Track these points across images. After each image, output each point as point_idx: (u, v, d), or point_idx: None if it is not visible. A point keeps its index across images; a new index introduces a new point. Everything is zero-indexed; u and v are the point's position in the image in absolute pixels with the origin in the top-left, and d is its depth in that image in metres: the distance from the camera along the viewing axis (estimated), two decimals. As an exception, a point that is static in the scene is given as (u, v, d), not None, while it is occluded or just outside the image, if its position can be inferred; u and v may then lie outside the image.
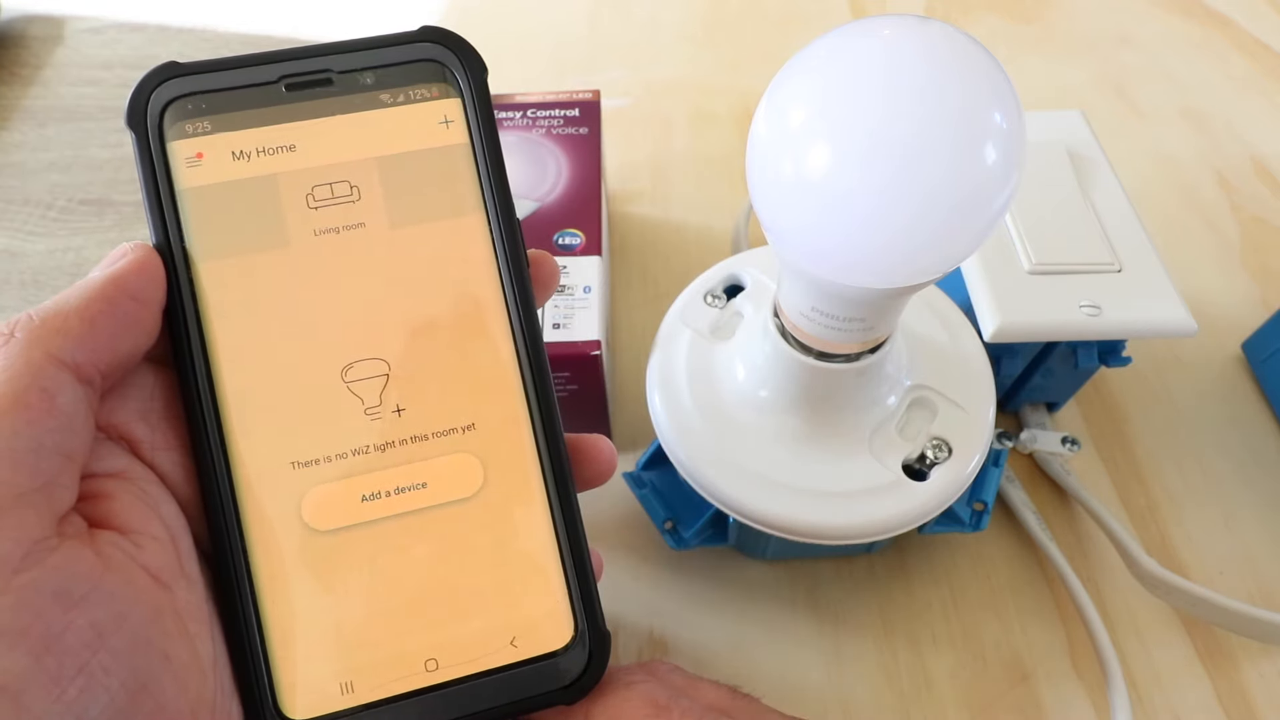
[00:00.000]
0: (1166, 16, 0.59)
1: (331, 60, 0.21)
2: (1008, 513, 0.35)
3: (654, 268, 0.44)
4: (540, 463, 0.21)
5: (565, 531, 0.21)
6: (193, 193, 0.20)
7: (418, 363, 0.21)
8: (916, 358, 0.29)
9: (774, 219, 0.22)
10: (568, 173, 0.37)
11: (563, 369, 0.31)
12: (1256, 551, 0.34)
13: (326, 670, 0.19)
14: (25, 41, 0.58)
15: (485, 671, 0.20)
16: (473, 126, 0.21)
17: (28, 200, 0.48)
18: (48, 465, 0.16)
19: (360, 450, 0.20)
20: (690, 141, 0.51)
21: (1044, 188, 0.34)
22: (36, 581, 0.15)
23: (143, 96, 0.20)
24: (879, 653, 0.31)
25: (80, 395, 0.17)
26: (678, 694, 0.20)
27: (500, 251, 0.21)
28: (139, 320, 0.19)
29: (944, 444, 0.28)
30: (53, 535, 0.16)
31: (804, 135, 0.20)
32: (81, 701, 0.15)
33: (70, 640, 0.15)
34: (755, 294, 0.32)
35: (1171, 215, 0.46)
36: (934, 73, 0.19)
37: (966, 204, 0.20)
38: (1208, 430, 0.38)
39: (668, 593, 0.33)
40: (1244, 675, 0.31)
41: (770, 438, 0.28)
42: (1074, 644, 0.31)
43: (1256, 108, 0.53)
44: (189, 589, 0.18)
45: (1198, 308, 0.40)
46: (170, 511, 0.19)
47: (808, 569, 0.33)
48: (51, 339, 0.17)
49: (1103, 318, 0.30)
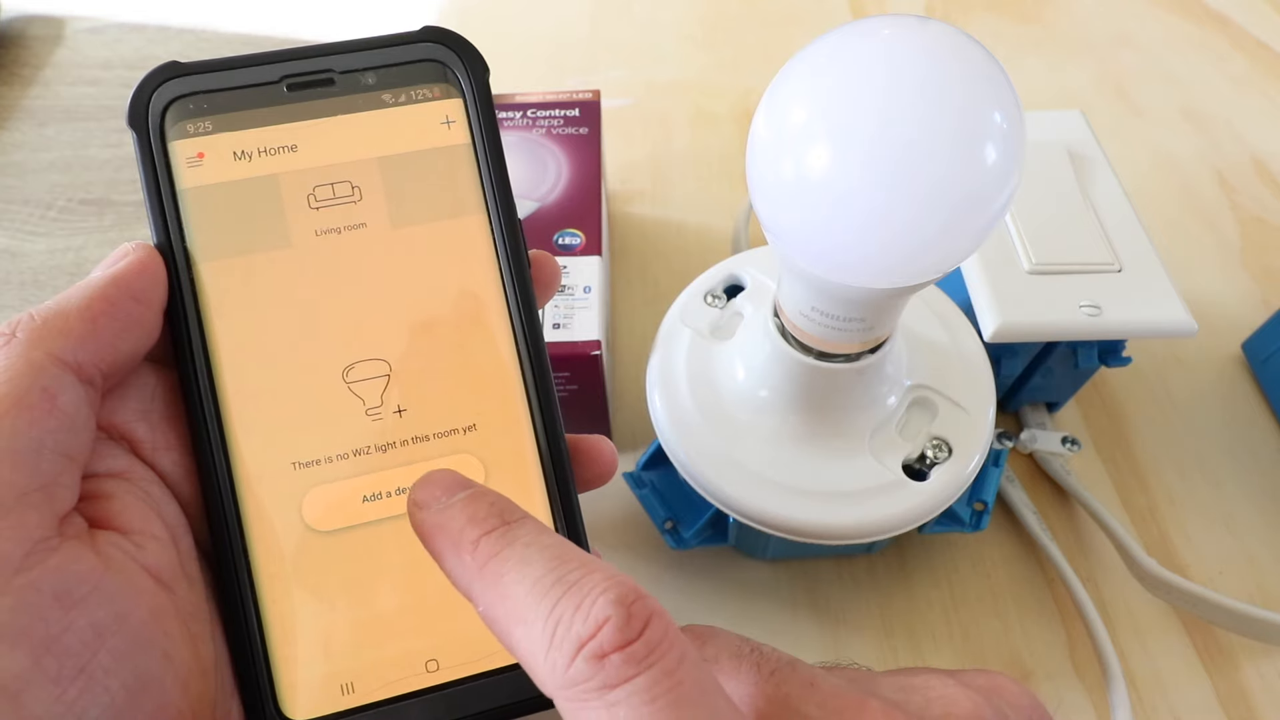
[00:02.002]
0: (1166, 16, 0.59)
1: (333, 60, 0.21)
2: (1008, 513, 0.35)
3: (654, 268, 0.44)
4: (541, 463, 0.21)
5: (566, 532, 0.21)
6: (194, 193, 0.20)
7: (419, 363, 0.21)
8: (916, 358, 0.29)
9: (774, 219, 0.22)
10: (568, 173, 0.37)
11: (563, 369, 0.31)
12: (1256, 551, 0.34)
13: (327, 670, 0.19)
14: (25, 41, 0.58)
15: (486, 672, 0.20)
16: (474, 127, 0.21)
17: (28, 200, 0.48)
18: (49, 465, 0.16)
19: (361, 451, 0.20)
20: (690, 141, 0.51)
21: (1044, 188, 0.34)
22: (37, 582, 0.15)
23: (144, 96, 0.20)
24: (879, 653, 0.31)
25: (82, 395, 0.17)
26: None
27: (502, 252, 0.21)
28: (140, 320, 0.19)
29: (944, 444, 0.28)
30: (54, 535, 0.16)
31: (804, 135, 0.20)
32: (82, 702, 0.15)
33: (70, 641, 0.15)
34: (755, 294, 0.32)
35: (1171, 215, 0.46)
36: (934, 73, 0.19)
37: (966, 204, 0.20)
38: (1208, 430, 0.38)
39: (668, 593, 0.33)
40: (1244, 675, 0.31)
41: (770, 438, 0.28)
42: (1074, 644, 0.32)
43: (1256, 108, 0.53)
44: (190, 589, 0.18)
45: (1198, 308, 0.40)
46: (171, 512, 0.19)
47: (808, 569, 0.33)
48: (53, 339, 0.17)
49: (1103, 318, 0.30)
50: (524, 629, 0.14)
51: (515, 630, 0.15)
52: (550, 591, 0.14)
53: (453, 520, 0.16)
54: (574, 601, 0.14)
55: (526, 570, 0.15)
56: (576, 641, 0.14)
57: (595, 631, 0.14)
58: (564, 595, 0.14)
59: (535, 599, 0.14)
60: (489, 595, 0.15)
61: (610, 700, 0.13)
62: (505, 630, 0.15)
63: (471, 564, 0.15)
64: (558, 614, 0.14)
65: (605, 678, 0.13)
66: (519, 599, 0.15)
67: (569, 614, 0.14)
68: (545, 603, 0.14)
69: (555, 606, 0.14)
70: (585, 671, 0.13)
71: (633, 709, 0.13)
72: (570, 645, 0.14)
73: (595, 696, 0.13)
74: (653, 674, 0.13)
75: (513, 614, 0.15)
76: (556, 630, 0.14)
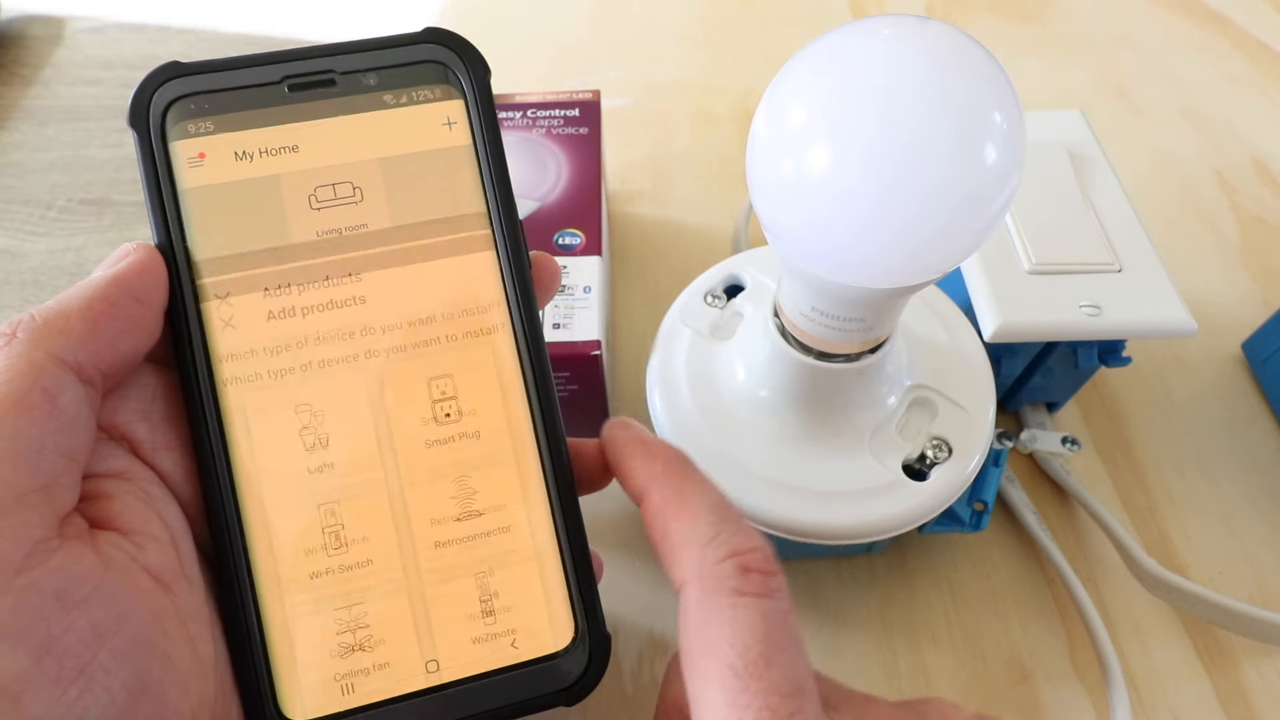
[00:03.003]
0: (1166, 16, 0.59)
1: (334, 61, 0.21)
2: (1008, 513, 0.35)
3: (654, 268, 0.44)
4: (541, 463, 0.21)
5: (566, 533, 0.21)
6: (195, 193, 0.20)
7: (419, 363, 0.21)
8: (916, 358, 0.29)
9: (774, 219, 0.22)
10: (568, 173, 0.37)
11: (563, 369, 0.31)
12: (1256, 551, 0.34)
13: (327, 671, 0.19)
14: (25, 41, 0.58)
15: (486, 673, 0.20)
16: (475, 128, 0.21)
17: (28, 200, 0.48)
18: (49, 466, 0.16)
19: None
20: (690, 141, 0.51)
21: (1044, 188, 0.34)
22: (37, 582, 0.15)
23: (145, 96, 0.20)
24: (879, 652, 0.31)
25: (82, 396, 0.17)
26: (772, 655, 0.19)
27: (502, 252, 0.21)
28: (141, 321, 0.19)
29: (944, 444, 0.28)
30: (54, 536, 0.16)
31: (804, 135, 0.20)
32: (82, 703, 0.15)
33: (71, 641, 0.15)
34: (755, 294, 0.32)
35: (1171, 215, 0.46)
36: (934, 73, 0.19)
37: (966, 204, 0.20)
38: (1208, 430, 0.38)
39: (668, 593, 0.33)
40: (1244, 675, 0.31)
41: (770, 438, 0.28)
42: (1074, 644, 0.32)
43: (1256, 108, 0.53)
44: (190, 589, 0.18)
45: (1198, 308, 0.40)
46: (171, 512, 0.19)
47: (808, 569, 0.33)
48: (54, 339, 0.17)
49: (1103, 318, 0.30)
50: (690, 525, 0.19)
51: (679, 524, 0.19)
52: (722, 512, 0.19)
53: (652, 439, 0.21)
54: (737, 526, 0.19)
55: (705, 490, 0.19)
56: (732, 549, 0.18)
57: (749, 551, 0.18)
58: (730, 518, 0.19)
59: (706, 509, 0.19)
60: (666, 492, 0.19)
61: (738, 602, 0.17)
62: (667, 523, 0.19)
63: (660, 468, 0.20)
64: (724, 526, 0.18)
65: (742, 584, 0.17)
66: (692, 504, 0.19)
67: (732, 530, 0.18)
68: (715, 514, 0.19)
69: (723, 520, 0.19)
70: (729, 571, 0.18)
71: (751, 614, 0.17)
72: (726, 549, 0.18)
73: (727, 595, 0.17)
74: (774, 601, 0.17)
75: (684, 512, 0.19)
76: (719, 534, 0.18)
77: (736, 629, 0.17)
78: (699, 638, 0.17)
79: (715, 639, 0.17)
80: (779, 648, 0.17)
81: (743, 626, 0.17)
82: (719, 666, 0.17)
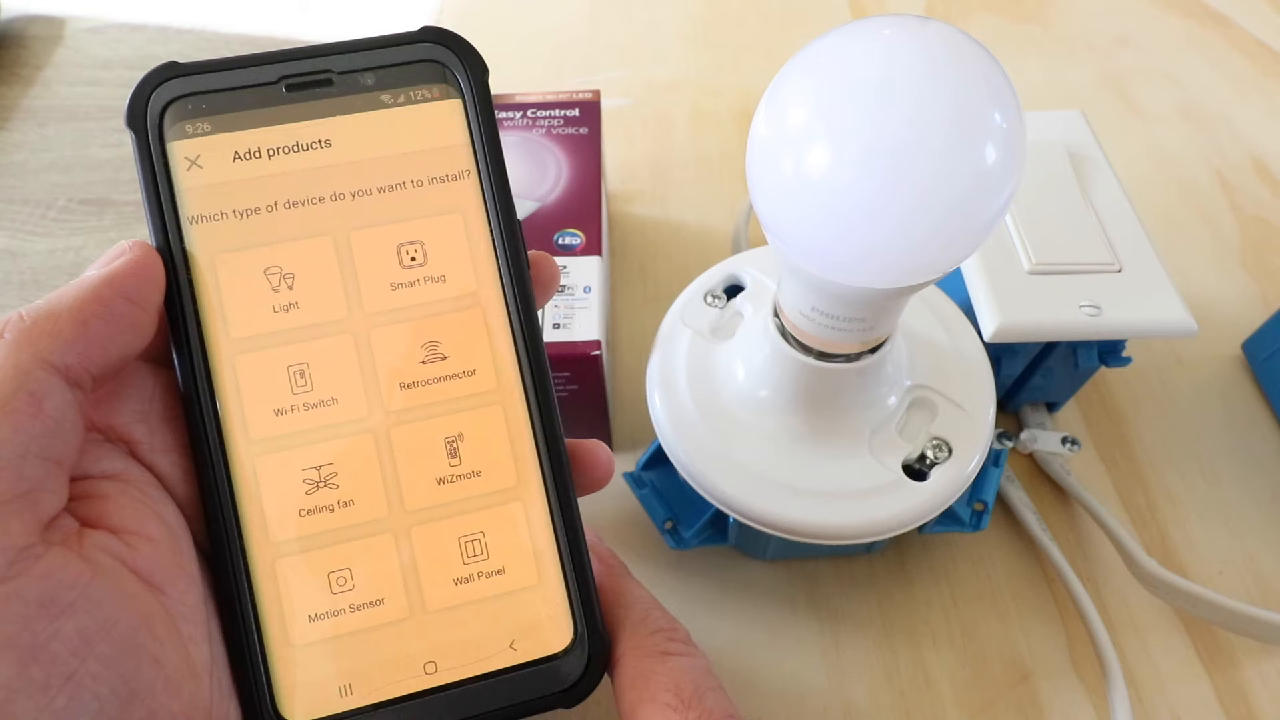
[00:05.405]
0: (1166, 16, 0.59)
1: (332, 61, 0.21)
2: (1008, 513, 0.35)
3: (654, 268, 0.44)
4: (540, 464, 0.21)
5: (565, 534, 0.21)
6: (193, 193, 0.20)
7: (418, 365, 0.21)
8: (916, 358, 0.29)
9: (774, 218, 0.22)
10: (568, 173, 0.37)
11: (563, 369, 0.31)
12: (1256, 551, 0.34)
13: (325, 672, 0.19)
14: (25, 41, 0.58)
15: (485, 674, 0.20)
16: (474, 127, 0.21)
17: (28, 200, 0.48)
18: (33, 471, 0.16)
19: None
20: (690, 141, 0.51)
21: (1044, 188, 0.34)
22: (21, 590, 0.15)
23: (143, 97, 0.20)
24: (879, 652, 0.31)
25: (69, 399, 0.17)
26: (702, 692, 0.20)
27: (501, 252, 0.21)
28: (133, 322, 0.18)
29: (944, 444, 0.28)
30: (38, 542, 0.16)
31: (804, 135, 0.20)
32: (70, 710, 0.15)
33: (57, 648, 0.15)
34: (755, 294, 0.32)
35: (1171, 215, 0.46)
36: (933, 73, 0.19)
37: (966, 204, 0.20)
38: (1208, 430, 0.38)
39: (668, 593, 0.33)
40: (1244, 675, 0.31)
41: (770, 438, 0.28)
42: (1074, 644, 0.31)
43: (1256, 108, 0.53)
44: (186, 590, 0.18)
45: (1198, 308, 0.40)
46: (169, 512, 0.19)
47: (808, 569, 0.33)
48: (41, 341, 0.17)
49: (1103, 318, 0.30)
50: (624, 612, 0.22)
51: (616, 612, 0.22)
52: (650, 604, 0.22)
53: (594, 542, 0.24)
54: (662, 613, 0.22)
55: (636, 587, 0.23)
56: (659, 627, 0.21)
57: (672, 629, 0.21)
58: (655, 606, 0.22)
59: (638, 601, 0.22)
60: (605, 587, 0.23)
61: (668, 659, 0.20)
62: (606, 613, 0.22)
63: (602, 568, 0.23)
64: (651, 612, 0.22)
65: (669, 648, 0.21)
66: (625, 598, 0.22)
67: (658, 615, 0.22)
68: (644, 606, 0.22)
69: (650, 609, 0.22)
70: (658, 640, 0.21)
71: (681, 664, 0.20)
72: (654, 627, 0.21)
73: (658, 656, 0.20)
74: (698, 659, 0.21)
75: (619, 602, 0.22)
76: (648, 618, 0.22)
77: (670, 676, 0.20)
78: (639, 694, 0.20)
79: (653, 689, 0.20)
80: (709, 687, 0.20)
81: (675, 674, 0.20)
82: (659, 708, 0.19)
